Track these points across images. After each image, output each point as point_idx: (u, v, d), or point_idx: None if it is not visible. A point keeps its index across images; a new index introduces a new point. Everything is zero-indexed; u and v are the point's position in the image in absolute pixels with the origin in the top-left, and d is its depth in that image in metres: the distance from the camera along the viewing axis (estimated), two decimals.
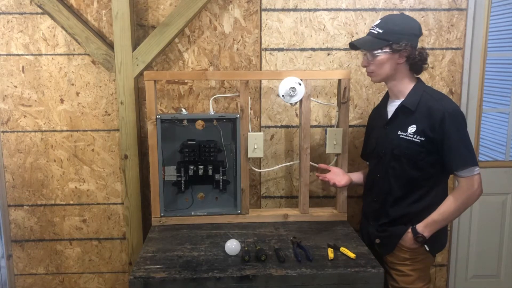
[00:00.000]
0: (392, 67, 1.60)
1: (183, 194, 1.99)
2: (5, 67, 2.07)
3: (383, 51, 1.58)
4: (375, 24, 1.61)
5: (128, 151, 2.06)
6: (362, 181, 1.92)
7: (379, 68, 1.61)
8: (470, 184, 1.54)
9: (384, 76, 1.63)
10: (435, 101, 1.57)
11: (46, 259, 2.25)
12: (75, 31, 1.98)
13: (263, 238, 1.79)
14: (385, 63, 1.60)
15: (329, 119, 2.18)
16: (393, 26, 1.57)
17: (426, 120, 1.56)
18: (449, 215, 1.59)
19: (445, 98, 1.61)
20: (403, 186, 1.64)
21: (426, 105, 1.57)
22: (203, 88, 2.13)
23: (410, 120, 1.60)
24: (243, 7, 2.07)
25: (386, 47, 1.57)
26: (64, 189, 2.19)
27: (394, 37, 1.55)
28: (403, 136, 1.61)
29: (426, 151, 1.57)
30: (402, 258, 1.66)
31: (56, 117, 2.13)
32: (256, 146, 1.92)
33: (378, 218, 1.73)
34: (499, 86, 2.75)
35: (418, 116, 1.58)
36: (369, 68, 1.65)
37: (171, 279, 1.46)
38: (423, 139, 1.56)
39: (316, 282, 1.49)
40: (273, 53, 2.11)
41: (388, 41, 1.56)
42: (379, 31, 1.58)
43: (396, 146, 1.63)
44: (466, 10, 2.11)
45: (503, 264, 2.44)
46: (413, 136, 1.58)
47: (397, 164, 1.64)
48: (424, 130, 1.55)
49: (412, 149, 1.58)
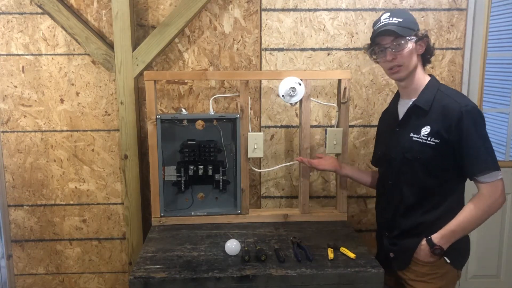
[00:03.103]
0: (416, 59, 1.48)
1: (183, 194, 1.99)
2: (5, 67, 2.07)
3: (411, 39, 1.44)
4: (388, 16, 1.47)
5: (128, 151, 2.06)
6: (359, 179, 1.86)
7: (408, 59, 1.45)
8: (492, 190, 1.40)
9: (412, 68, 1.48)
10: (450, 99, 1.44)
11: (46, 259, 2.25)
12: (75, 31, 1.98)
13: (263, 238, 1.79)
14: (413, 54, 1.46)
15: (329, 119, 2.18)
16: (407, 15, 1.47)
17: (441, 120, 1.43)
18: (468, 224, 1.44)
19: (462, 95, 1.49)
20: (415, 194, 1.51)
21: (440, 104, 1.44)
22: (203, 88, 2.13)
23: (423, 121, 1.47)
24: (243, 7, 2.07)
25: (413, 35, 1.44)
26: (64, 189, 2.19)
27: (414, 25, 1.45)
28: (416, 139, 1.47)
29: (441, 155, 1.44)
30: (420, 274, 1.51)
31: (56, 117, 2.13)
32: (256, 146, 1.92)
33: (390, 229, 1.61)
34: (499, 86, 2.75)
35: (432, 116, 1.45)
36: (396, 61, 1.46)
37: (171, 279, 1.46)
38: (438, 142, 1.43)
39: (316, 282, 1.49)
40: (273, 53, 2.11)
41: (413, 29, 1.44)
42: (399, 20, 1.44)
43: (408, 150, 1.49)
44: (466, 10, 2.11)
45: (503, 264, 2.44)
46: (427, 138, 1.45)
47: (409, 170, 1.51)
48: (439, 131, 1.42)
49: (426, 152, 1.45)
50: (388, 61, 1.48)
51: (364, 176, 1.86)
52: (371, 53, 1.54)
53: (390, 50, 1.46)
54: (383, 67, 1.54)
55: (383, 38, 1.47)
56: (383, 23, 1.46)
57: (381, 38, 1.47)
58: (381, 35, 1.46)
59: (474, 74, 2.20)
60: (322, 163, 1.85)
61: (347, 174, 1.88)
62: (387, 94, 2.15)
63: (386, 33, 1.45)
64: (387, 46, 1.46)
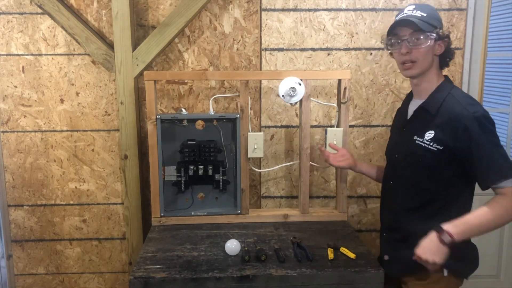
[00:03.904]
0: (432, 58, 1.41)
1: (183, 194, 1.99)
2: (5, 67, 2.07)
3: (431, 36, 1.36)
4: (412, 9, 1.39)
5: (128, 151, 2.06)
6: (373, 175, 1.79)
7: (423, 57, 1.38)
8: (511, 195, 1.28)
9: (426, 67, 1.40)
10: (459, 104, 1.35)
11: (46, 259, 2.25)
12: (75, 31, 1.98)
13: (263, 238, 1.79)
14: (430, 52, 1.38)
15: (329, 119, 2.18)
16: (432, 11, 1.39)
17: (446, 127, 1.35)
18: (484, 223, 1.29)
19: (472, 102, 1.38)
20: (415, 197, 1.46)
21: (448, 109, 1.36)
22: (203, 88, 2.13)
23: (429, 124, 1.40)
24: (243, 7, 2.07)
25: (434, 32, 1.36)
26: (64, 189, 2.19)
27: (437, 22, 1.38)
28: (419, 142, 1.41)
29: (444, 162, 1.37)
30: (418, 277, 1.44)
31: (56, 117, 2.13)
32: (256, 146, 1.92)
33: (390, 230, 1.57)
34: (499, 86, 2.75)
35: (438, 121, 1.37)
36: (411, 56, 1.38)
37: (171, 279, 1.46)
38: (441, 148, 1.36)
39: (316, 282, 1.49)
40: (273, 53, 2.11)
41: (436, 27, 1.36)
42: (423, 15, 1.36)
43: (410, 153, 1.44)
44: (466, 10, 2.11)
45: (503, 264, 2.44)
46: (429, 144, 1.38)
47: (410, 173, 1.45)
48: (444, 138, 1.35)
49: (427, 157, 1.39)
50: (403, 54, 1.40)
51: (379, 173, 1.77)
52: (388, 43, 1.46)
53: (407, 43, 1.38)
54: (397, 60, 1.47)
55: (402, 29, 1.39)
56: (405, 14, 1.40)
57: (400, 29, 1.39)
58: (401, 25, 1.39)
59: (474, 74, 2.20)
60: (337, 159, 1.79)
61: (362, 171, 1.82)
62: (387, 94, 2.15)
63: (406, 24, 1.37)
64: (405, 38, 1.38)
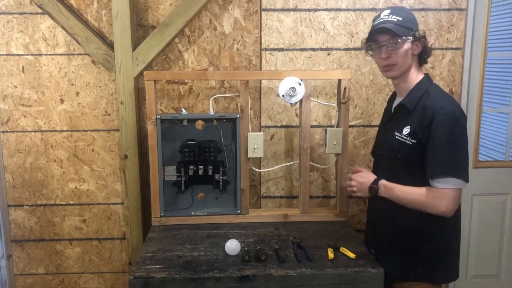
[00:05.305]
0: (411, 58, 1.48)
1: (183, 194, 1.99)
2: (5, 67, 2.07)
3: (407, 39, 1.44)
4: (388, 13, 1.47)
5: (128, 151, 2.06)
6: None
7: (403, 59, 1.46)
8: (439, 196, 1.37)
9: (405, 68, 1.48)
10: (432, 100, 1.43)
11: (46, 259, 2.25)
12: (75, 31, 1.98)
13: (263, 238, 1.79)
14: (408, 53, 1.46)
15: (329, 119, 2.18)
16: (408, 14, 1.47)
17: (418, 121, 1.43)
18: (404, 199, 1.44)
19: (446, 99, 1.45)
20: None
21: (422, 105, 1.45)
22: (203, 88, 2.13)
23: (406, 120, 1.48)
24: (243, 7, 2.07)
25: (410, 35, 1.44)
26: (64, 189, 2.19)
27: (413, 25, 1.45)
28: (398, 137, 1.49)
29: (419, 156, 1.43)
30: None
31: (56, 117, 2.13)
32: (256, 146, 1.92)
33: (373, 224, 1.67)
34: (499, 86, 2.75)
35: (414, 116, 1.46)
36: (391, 60, 1.47)
37: (171, 279, 1.46)
38: (415, 142, 1.44)
39: (316, 282, 1.49)
40: (273, 53, 2.11)
41: (411, 29, 1.44)
42: (399, 19, 1.44)
43: (391, 148, 1.52)
44: (466, 10, 2.11)
45: (503, 264, 2.44)
46: (406, 138, 1.46)
47: (392, 167, 1.53)
48: (416, 131, 1.43)
49: (404, 152, 1.47)
50: (383, 59, 1.49)
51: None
52: (368, 49, 1.54)
53: (386, 48, 1.46)
54: (378, 64, 1.56)
55: (380, 36, 1.47)
56: (382, 20, 1.47)
57: (378, 36, 1.48)
58: (379, 32, 1.47)
59: (474, 74, 2.20)
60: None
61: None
62: (387, 94, 2.15)
63: (384, 31, 1.45)
64: (383, 44, 1.46)
